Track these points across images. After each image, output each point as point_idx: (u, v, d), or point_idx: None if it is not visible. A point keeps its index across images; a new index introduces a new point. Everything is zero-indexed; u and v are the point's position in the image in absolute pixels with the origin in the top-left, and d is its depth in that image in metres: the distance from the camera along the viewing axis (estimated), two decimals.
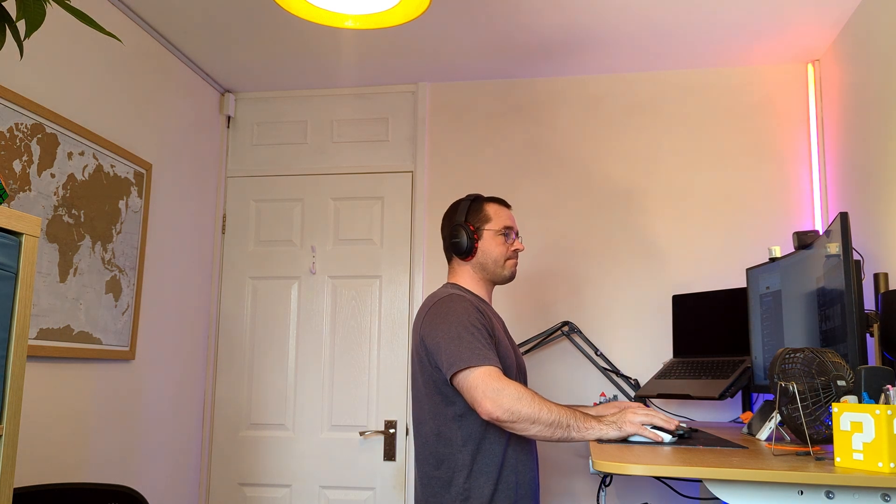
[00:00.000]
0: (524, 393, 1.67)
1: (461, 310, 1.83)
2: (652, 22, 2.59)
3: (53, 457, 2.17)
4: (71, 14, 1.31)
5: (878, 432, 1.26)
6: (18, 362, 1.26)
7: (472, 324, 1.80)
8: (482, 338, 1.78)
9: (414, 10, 1.88)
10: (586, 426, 1.67)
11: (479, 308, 1.89)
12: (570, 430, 1.66)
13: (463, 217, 2.02)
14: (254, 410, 3.08)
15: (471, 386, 1.69)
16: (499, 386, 1.66)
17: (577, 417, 1.67)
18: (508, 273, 2.04)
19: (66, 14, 2.23)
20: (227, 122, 3.27)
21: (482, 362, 1.71)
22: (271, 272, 3.16)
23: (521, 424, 1.66)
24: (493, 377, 1.68)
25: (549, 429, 1.65)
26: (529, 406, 1.65)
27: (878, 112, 2.29)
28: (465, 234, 1.99)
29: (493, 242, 2.01)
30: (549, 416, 1.64)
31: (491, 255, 2.00)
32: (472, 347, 1.75)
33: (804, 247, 1.97)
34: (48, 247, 2.14)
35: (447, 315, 1.83)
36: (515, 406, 1.64)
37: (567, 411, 1.68)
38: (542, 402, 1.67)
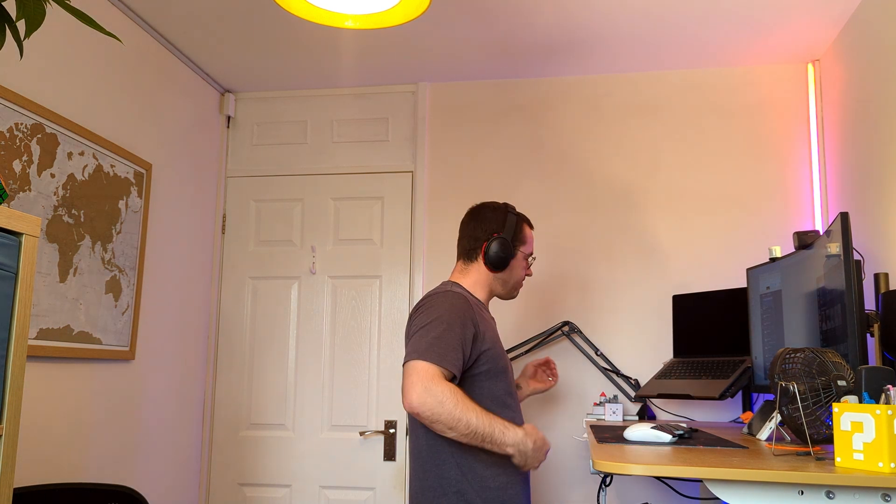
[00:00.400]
0: (450, 399, 1.68)
1: (447, 304, 1.83)
2: (652, 22, 2.59)
3: (53, 457, 2.17)
4: (71, 14, 1.31)
5: (879, 432, 1.26)
6: (18, 362, 1.26)
7: (451, 321, 1.79)
8: (454, 337, 1.77)
9: (414, 10, 1.88)
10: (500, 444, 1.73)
11: (473, 305, 1.89)
12: (485, 441, 1.72)
13: (510, 234, 2.02)
14: (254, 410, 3.08)
15: (407, 374, 1.72)
16: (430, 385, 1.68)
17: (494, 436, 1.72)
18: (514, 295, 2.10)
19: (66, 14, 2.23)
20: (227, 122, 3.27)
21: (432, 359, 1.72)
22: (271, 272, 3.16)
23: (438, 426, 1.70)
24: (430, 375, 1.70)
25: (465, 437, 1.70)
26: (450, 413, 1.67)
27: (878, 112, 2.29)
28: (507, 250, 2.00)
29: (521, 265, 2.05)
30: (467, 426, 1.68)
31: (514, 277, 2.05)
32: (433, 342, 1.74)
33: (804, 247, 1.97)
34: (48, 247, 2.14)
35: (429, 307, 1.84)
36: (437, 410, 1.67)
37: (488, 426, 1.71)
38: (465, 413, 1.69)
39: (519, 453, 1.75)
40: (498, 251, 1.99)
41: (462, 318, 1.81)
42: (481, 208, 2.09)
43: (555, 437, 2.84)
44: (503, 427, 1.74)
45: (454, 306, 1.83)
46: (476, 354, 1.83)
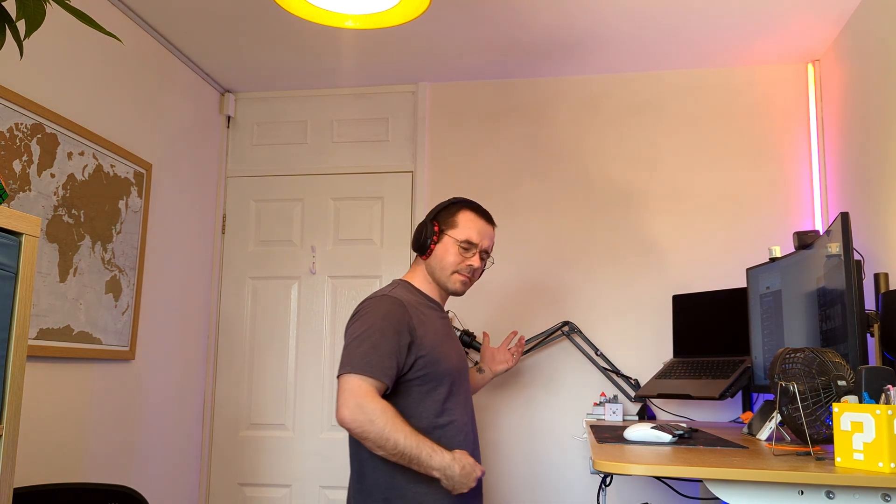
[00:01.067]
0: (380, 418, 1.68)
1: (381, 312, 1.80)
2: (652, 22, 2.59)
3: (53, 457, 2.17)
4: (71, 14, 1.31)
5: (879, 432, 1.26)
6: (18, 362, 1.26)
7: (384, 329, 1.76)
8: (387, 347, 1.75)
9: (414, 10, 1.88)
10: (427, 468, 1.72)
11: (409, 311, 1.83)
12: (412, 463, 1.71)
13: (433, 215, 1.98)
14: (254, 410, 3.08)
15: (342, 389, 1.72)
16: (363, 402, 1.69)
17: (421, 458, 1.71)
18: (452, 287, 1.96)
19: (66, 14, 2.23)
20: (227, 122, 3.27)
21: (365, 371, 1.71)
22: (271, 272, 3.16)
23: (367, 443, 1.71)
24: (363, 391, 1.70)
25: (393, 457, 1.71)
26: (380, 433, 1.67)
27: (878, 112, 2.29)
28: (427, 231, 1.94)
29: (450, 251, 1.93)
30: (395, 447, 1.68)
31: (441, 262, 1.94)
32: (366, 353, 1.73)
33: (804, 247, 1.97)
34: (48, 247, 2.14)
35: (364, 316, 1.81)
36: (367, 427, 1.68)
37: (415, 452, 1.70)
38: (393, 434, 1.68)
39: (445, 477, 1.73)
40: (420, 232, 1.96)
41: (397, 325, 1.78)
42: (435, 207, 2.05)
43: (555, 437, 2.84)
44: (430, 450, 1.73)
45: (389, 313, 1.79)
46: (412, 361, 1.80)
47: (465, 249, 1.94)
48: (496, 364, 2.40)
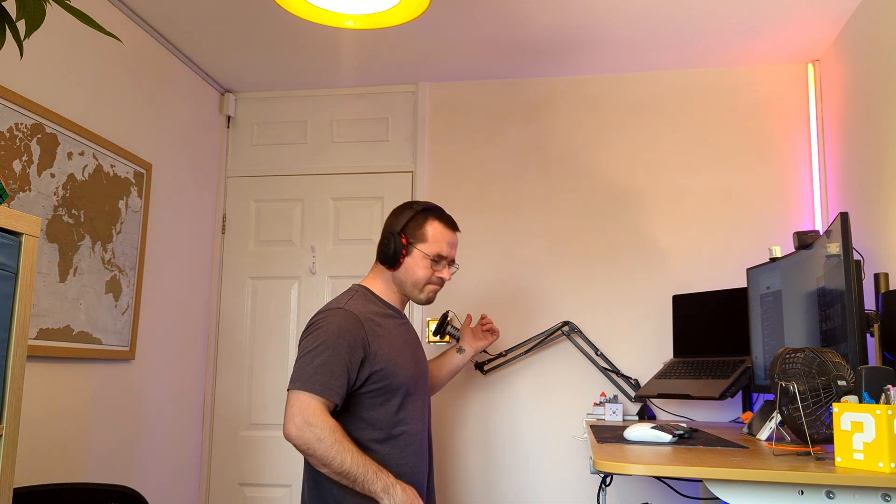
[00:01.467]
0: (327, 438, 1.68)
1: (335, 327, 1.77)
2: (651, 22, 2.59)
3: (53, 457, 2.17)
4: (71, 14, 1.31)
5: (879, 432, 1.26)
6: (18, 362, 1.26)
7: (337, 346, 1.75)
8: (338, 364, 1.74)
9: (414, 10, 1.88)
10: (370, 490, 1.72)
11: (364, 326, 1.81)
12: (355, 484, 1.71)
13: (400, 226, 1.93)
14: (254, 410, 3.08)
15: (290, 405, 1.71)
16: (312, 419, 1.68)
17: (367, 479, 1.71)
18: (424, 298, 1.96)
19: (66, 14, 2.23)
20: (227, 122, 3.27)
21: (315, 389, 1.71)
22: (271, 272, 3.16)
23: (312, 460, 1.71)
24: (312, 409, 1.69)
25: (337, 476, 1.71)
26: (326, 452, 1.67)
27: (878, 112, 2.29)
28: (395, 245, 1.90)
29: (420, 265, 1.92)
30: (341, 467, 1.69)
31: (412, 276, 1.93)
32: (317, 370, 1.72)
33: (804, 247, 1.97)
34: (48, 247, 2.14)
35: (316, 329, 1.79)
36: (313, 445, 1.68)
37: (361, 470, 1.71)
38: (340, 453, 1.68)
39: (388, 497, 1.73)
40: (386, 248, 1.92)
41: (350, 341, 1.77)
42: (397, 208, 2.00)
43: (555, 437, 2.84)
44: (376, 471, 1.73)
45: (342, 329, 1.77)
46: (365, 376, 1.79)
47: (435, 262, 1.94)
48: (477, 341, 2.39)
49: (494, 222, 3.01)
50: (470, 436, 2.90)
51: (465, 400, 2.92)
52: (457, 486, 2.87)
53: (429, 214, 1.96)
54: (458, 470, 2.89)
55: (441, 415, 2.92)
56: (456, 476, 2.88)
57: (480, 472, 2.87)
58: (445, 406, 2.93)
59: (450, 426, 2.92)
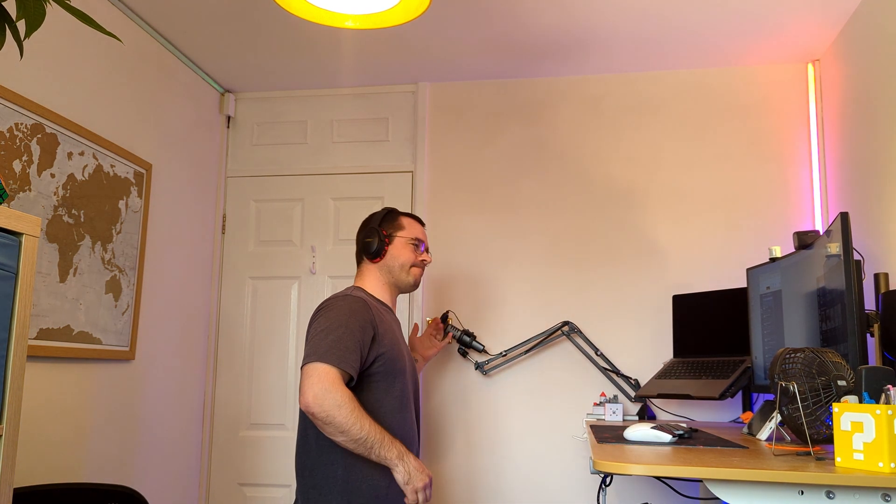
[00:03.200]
0: (347, 404, 1.74)
1: (346, 309, 1.88)
2: (652, 22, 2.59)
3: (53, 457, 2.17)
4: (71, 14, 1.31)
5: (879, 432, 1.26)
6: (18, 362, 1.26)
7: (348, 324, 1.84)
8: (352, 340, 1.83)
9: (414, 10, 1.88)
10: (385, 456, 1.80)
11: (371, 309, 1.93)
12: (371, 451, 1.78)
13: (377, 223, 2.13)
14: (254, 410, 3.08)
15: (307, 374, 1.77)
16: (330, 387, 1.74)
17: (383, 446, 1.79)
18: (412, 280, 2.14)
19: (66, 14, 2.23)
20: (227, 122, 3.27)
21: (331, 361, 1.77)
22: (271, 272, 3.16)
23: (330, 429, 1.75)
24: (330, 378, 1.75)
25: (353, 444, 1.77)
26: (345, 418, 1.73)
27: (878, 112, 2.29)
28: (378, 236, 2.09)
29: (403, 249, 2.12)
30: (359, 433, 1.75)
31: (398, 260, 2.11)
32: (332, 344, 1.80)
33: (804, 247, 1.97)
34: (48, 247, 2.14)
35: (328, 311, 1.89)
36: (333, 412, 1.73)
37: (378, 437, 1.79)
38: (358, 420, 1.75)
39: (403, 464, 1.81)
40: (370, 240, 2.09)
41: (361, 320, 1.87)
42: (366, 218, 2.19)
43: (555, 437, 2.84)
44: (391, 440, 1.82)
45: (353, 310, 1.88)
46: (374, 356, 1.89)
47: (415, 246, 2.14)
48: (426, 350, 2.57)
49: (494, 222, 3.01)
50: (470, 436, 2.90)
51: (466, 400, 2.92)
52: (457, 486, 2.88)
53: (397, 212, 2.19)
54: (458, 469, 2.89)
55: (441, 414, 2.92)
56: (456, 475, 2.88)
57: (480, 472, 2.87)
58: (446, 406, 2.93)
59: (450, 426, 2.92)
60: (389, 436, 1.82)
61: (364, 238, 2.12)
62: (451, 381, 2.94)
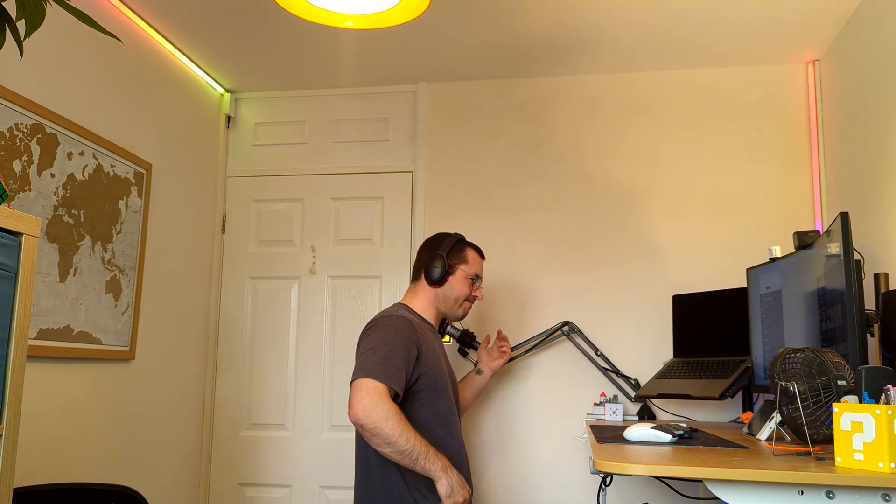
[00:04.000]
0: (394, 417, 1.82)
1: (393, 328, 1.97)
2: (651, 22, 2.59)
3: (53, 457, 2.17)
4: (71, 14, 1.31)
5: (879, 432, 1.26)
6: (18, 362, 1.26)
7: (396, 344, 1.93)
8: (398, 358, 1.91)
9: (414, 10, 1.88)
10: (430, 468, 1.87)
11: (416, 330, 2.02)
12: (416, 462, 1.86)
13: (446, 251, 2.20)
14: (254, 410, 3.08)
15: (356, 388, 1.85)
16: (378, 401, 1.82)
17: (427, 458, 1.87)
18: (461, 312, 2.25)
19: (66, 14, 2.23)
20: (227, 122, 3.27)
21: (379, 377, 1.85)
22: (271, 272, 3.16)
23: (377, 440, 1.83)
24: (378, 392, 1.83)
25: (399, 455, 1.84)
26: (392, 430, 1.81)
27: (878, 112, 2.29)
28: (443, 265, 2.17)
29: (463, 283, 2.21)
30: (405, 445, 1.83)
31: (454, 292, 2.20)
32: (380, 362, 1.88)
33: (804, 247, 1.97)
34: (48, 247, 2.14)
35: (377, 330, 1.99)
36: (380, 424, 1.80)
37: (423, 449, 1.86)
38: (404, 432, 1.83)
39: (446, 477, 1.87)
40: (435, 267, 2.17)
41: (406, 340, 1.96)
42: (434, 237, 2.27)
43: (555, 437, 2.84)
44: (436, 453, 1.88)
45: (399, 330, 1.97)
46: (417, 375, 1.97)
47: (473, 281, 2.24)
48: (492, 361, 2.57)
49: (494, 222, 3.01)
50: (470, 436, 2.89)
51: None
52: None
53: (466, 243, 2.27)
54: None
55: None
56: None
57: (480, 472, 2.87)
58: None
59: None
60: (434, 449, 1.89)
61: (429, 262, 2.19)
62: None
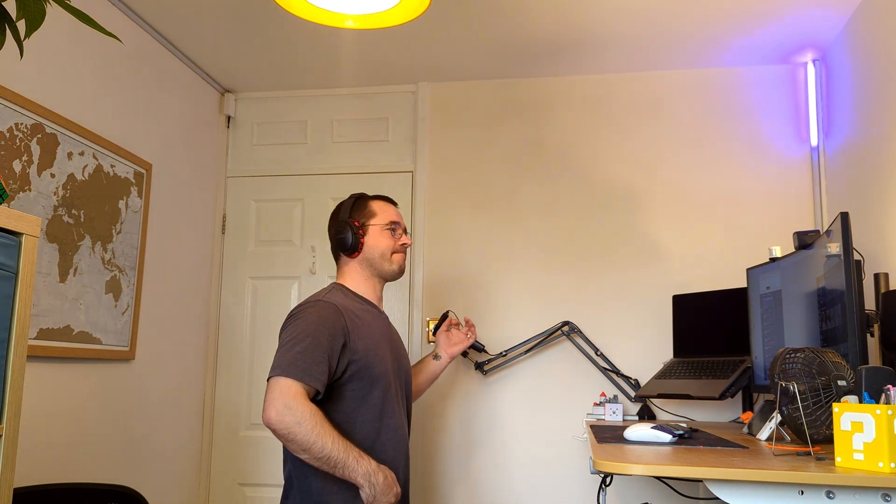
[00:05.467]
0: (308, 421, 1.67)
1: (315, 316, 1.80)
2: (652, 22, 2.59)
3: (53, 457, 2.17)
4: (71, 14, 1.31)
5: (879, 432, 1.26)
6: (18, 362, 1.26)
7: (317, 334, 1.76)
8: (319, 351, 1.74)
9: (414, 10, 1.88)
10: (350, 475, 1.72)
11: (344, 315, 1.83)
12: (336, 469, 1.70)
13: (347, 214, 2.00)
14: (254, 410, 3.08)
15: (270, 390, 1.70)
16: (292, 403, 1.67)
17: (347, 465, 1.71)
18: (396, 267, 2.02)
19: (66, 14, 2.23)
20: (227, 122, 3.27)
21: (295, 375, 1.70)
22: (271, 272, 3.15)
23: (293, 446, 1.69)
24: (292, 393, 1.68)
25: (317, 461, 1.69)
26: (306, 435, 1.66)
27: (880, 111, 2.29)
28: (351, 230, 1.96)
29: (380, 237, 1.99)
30: (322, 451, 1.67)
31: (377, 249, 1.99)
32: (296, 357, 1.72)
33: (804, 247, 1.97)
34: (48, 247, 2.14)
35: (296, 319, 1.81)
36: (293, 429, 1.66)
37: (342, 455, 1.70)
38: (321, 437, 1.67)
39: (368, 485, 1.73)
40: (343, 235, 1.98)
41: (331, 329, 1.79)
42: (333, 210, 2.07)
43: (555, 437, 2.84)
44: (357, 457, 1.73)
45: (322, 318, 1.80)
46: (345, 364, 1.81)
47: (392, 231, 2.02)
48: (451, 346, 2.40)
49: (494, 222, 3.01)
50: (470, 436, 2.90)
51: (465, 400, 2.92)
52: (457, 486, 2.87)
53: (364, 197, 2.05)
54: (458, 470, 2.89)
55: (441, 415, 2.92)
56: (456, 476, 2.88)
57: (480, 472, 2.87)
58: (445, 406, 2.93)
59: (450, 426, 2.92)
60: (356, 452, 1.73)
61: (336, 234, 1.99)
62: (451, 381, 2.94)
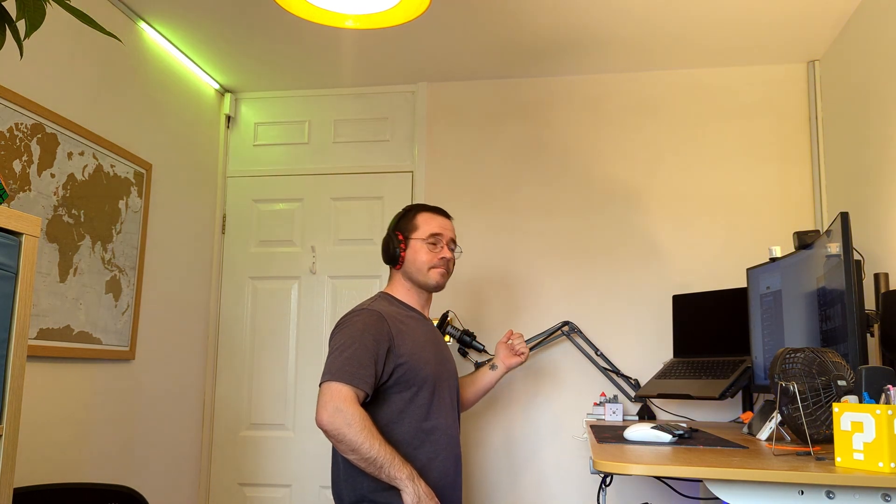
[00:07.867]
0: (357, 423, 1.75)
1: (360, 324, 1.88)
2: (652, 22, 2.59)
3: (53, 457, 2.17)
4: (71, 14, 1.31)
5: (879, 432, 1.26)
6: (18, 362, 1.26)
7: (363, 340, 1.84)
8: (366, 356, 1.83)
9: (414, 10, 1.88)
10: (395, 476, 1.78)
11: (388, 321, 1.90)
12: (381, 470, 1.77)
13: (394, 226, 2.08)
14: (254, 410, 3.08)
15: (322, 393, 1.80)
16: (342, 406, 1.76)
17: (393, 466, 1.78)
18: (433, 282, 2.03)
19: (66, 14, 2.23)
20: (227, 122, 3.27)
21: (345, 379, 1.79)
22: (271, 272, 3.16)
23: (342, 446, 1.77)
24: (342, 397, 1.77)
25: (364, 462, 1.77)
26: (355, 437, 1.74)
27: (879, 112, 2.29)
28: (393, 243, 2.04)
29: (419, 251, 2.03)
30: (369, 453, 1.75)
31: (415, 264, 2.02)
32: (345, 363, 1.81)
33: (804, 247, 1.97)
34: (48, 247, 2.14)
35: (343, 328, 1.90)
36: (343, 430, 1.75)
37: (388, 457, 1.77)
38: (368, 439, 1.75)
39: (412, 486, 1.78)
40: (386, 248, 2.06)
41: (376, 334, 1.86)
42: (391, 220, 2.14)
43: (555, 437, 2.84)
44: (402, 461, 1.79)
45: (367, 325, 1.88)
46: (391, 368, 1.87)
47: (433, 245, 2.03)
48: (510, 358, 2.39)
49: (494, 222, 3.01)
50: (470, 436, 2.90)
51: None
52: None
53: (415, 209, 2.10)
54: None
55: None
56: None
57: (480, 472, 2.87)
58: None
59: None
60: (401, 457, 1.80)
61: (383, 245, 2.07)
62: None
